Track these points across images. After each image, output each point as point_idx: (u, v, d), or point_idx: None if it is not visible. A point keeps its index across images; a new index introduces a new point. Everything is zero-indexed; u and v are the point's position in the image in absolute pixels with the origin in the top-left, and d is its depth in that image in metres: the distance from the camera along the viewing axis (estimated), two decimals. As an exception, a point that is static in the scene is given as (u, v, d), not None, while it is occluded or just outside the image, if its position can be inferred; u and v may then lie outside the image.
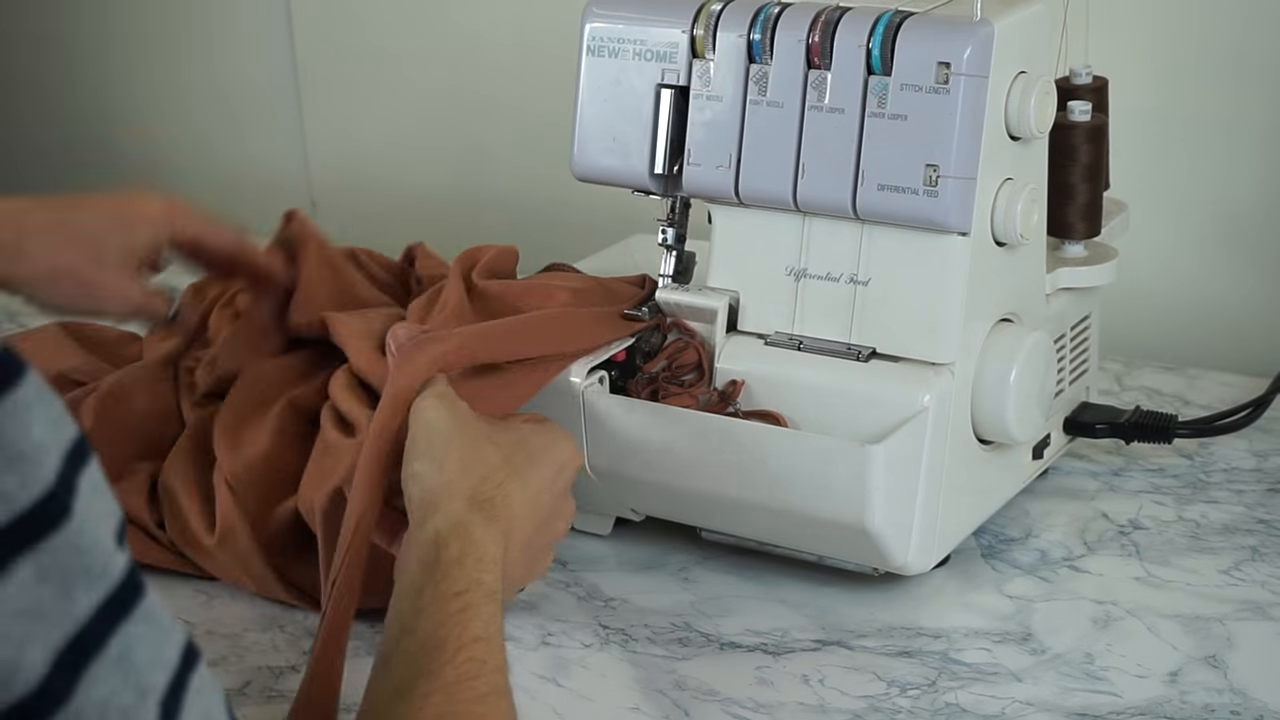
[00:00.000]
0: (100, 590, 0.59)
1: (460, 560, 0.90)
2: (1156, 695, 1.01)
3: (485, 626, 0.88)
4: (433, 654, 0.85)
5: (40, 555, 0.58)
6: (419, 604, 0.88)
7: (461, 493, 0.94)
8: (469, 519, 0.92)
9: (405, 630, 0.88)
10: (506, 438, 0.99)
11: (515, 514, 0.95)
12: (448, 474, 0.95)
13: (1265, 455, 1.27)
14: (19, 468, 0.58)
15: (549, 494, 0.98)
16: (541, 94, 1.66)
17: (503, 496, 0.95)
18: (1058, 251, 1.21)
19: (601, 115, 1.16)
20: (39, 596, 0.57)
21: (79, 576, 0.59)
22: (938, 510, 1.08)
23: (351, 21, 1.82)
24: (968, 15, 1.06)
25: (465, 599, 0.88)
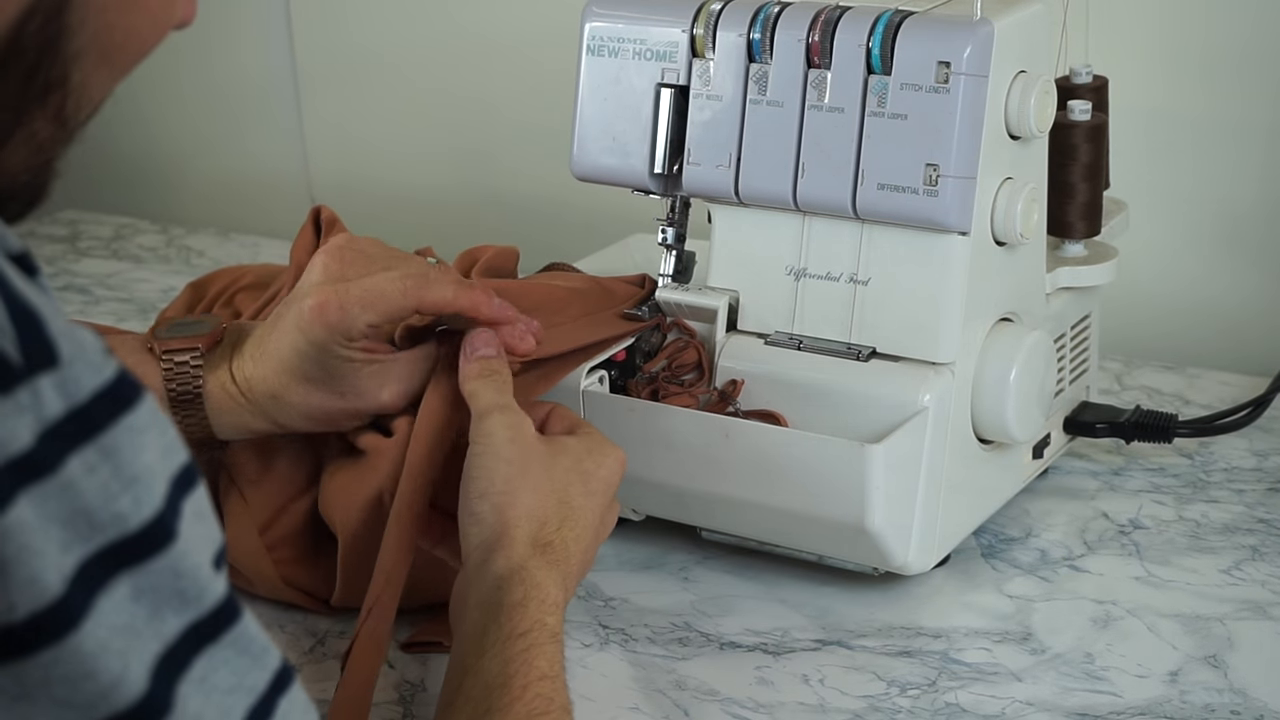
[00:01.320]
0: (190, 614, 0.61)
1: (524, 603, 0.91)
2: (1156, 695, 1.01)
3: (550, 665, 0.88)
4: (500, 692, 0.86)
5: (139, 576, 0.59)
6: (482, 645, 0.89)
7: (523, 538, 0.94)
8: (532, 563, 0.93)
9: (468, 671, 0.88)
10: (562, 464, 0.98)
11: (571, 555, 0.95)
12: (508, 518, 0.94)
13: (1265, 455, 1.27)
14: (133, 489, 0.59)
15: (598, 515, 0.98)
16: (541, 93, 1.66)
17: (561, 540, 0.95)
18: (1058, 251, 1.21)
19: (601, 115, 1.16)
20: (133, 614, 0.59)
21: (171, 599, 0.60)
22: (938, 510, 1.08)
23: (351, 21, 1.82)
24: (967, 15, 1.06)
25: (530, 639, 0.89)
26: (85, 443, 0.59)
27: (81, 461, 0.58)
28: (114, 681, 0.58)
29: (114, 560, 0.59)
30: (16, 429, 0.57)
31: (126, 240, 1.83)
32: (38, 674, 0.58)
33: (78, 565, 0.58)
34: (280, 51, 1.85)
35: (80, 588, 0.58)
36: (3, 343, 0.58)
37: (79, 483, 0.58)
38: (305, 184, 1.89)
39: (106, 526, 0.59)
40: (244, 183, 1.92)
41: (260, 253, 1.76)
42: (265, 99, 1.89)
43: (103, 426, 0.59)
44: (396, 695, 1.03)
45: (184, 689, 0.60)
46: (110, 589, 0.59)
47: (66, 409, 0.58)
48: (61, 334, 0.59)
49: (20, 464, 0.57)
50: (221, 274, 1.31)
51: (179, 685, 0.60)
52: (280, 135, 1.88)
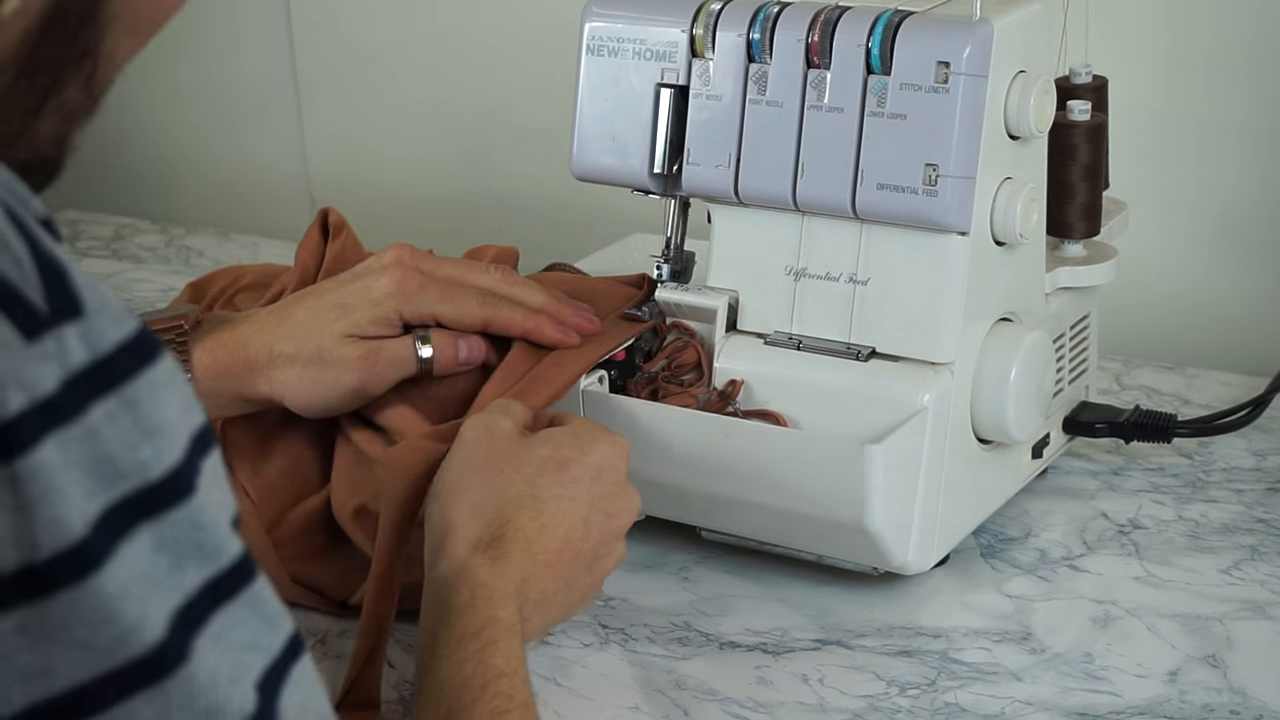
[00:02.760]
0: (208, 569, 0.62)
1: (471, 603, 0.90)
2: (1156, 695, 1.01)
3: (507, 661, 0.88)
4: (459, 693, 0.86)
5: (160, 526, 0.61)
6: (434, 647, 0.89)
7: (465, 538, 0.94)
8: (473, 563, 0.92)
9: (427, 672, 0.89)
10: (536, 454, 0.98)
11: (532, 544, 0.95)
12: (451, 519, 0.95)
13: (1265, 454, 1.27)
14: (155, 441, 0.61)
15: (581, 503, 0.97)
16: (541, 94, 1.66)
17: (513, 531, 0.94)
18: (1057, 251, 1.21)
19: (601, 115, 1.16)
20: (154, 563, 0.60)
21: (191, 552, 0.61)
22: (937, 509, 1.08)
23: (351, 22, 1.82)
24: (967, 14, 1.06)
25: (483, 638, 0.89)
26: (108, 393, 0.60)
27: (104, 410, 0.60)
28: (133, 626, 0.59)
29: (136, 509, 0.60)
30: (43, 374, 0.59)
31: (126, 240, 1.83)
32: (59, 614, 0.59)
33: (101, 511, 0.59)
34: (280, 52, 1.85)
35: (103, 533, 0.59)
36: (30, 292, 0.59)
37: (102, 430, 0.59)
38: (305, 184, 1.89)
39: (129, 475, 0.60)
40: (244, 183, 1.92)
41: (260, 253, 1.76)
42: (265, 99, 1.89)
43: (124, 378, 0.60)
44: (396, 695, 1.03)
45: (201, 642, 0.61)
46: (132, 537, 0.60)
47: (90, 359, 0.60)
48: (86, 287, 0.61)
49: (46, 407, 0.58)
50: (221, 274, 1.31)
51: (196, 638, 0.61)
52: (280, 135, 1.88)
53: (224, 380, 1.09)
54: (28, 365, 0.58)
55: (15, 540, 0.58)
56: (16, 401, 0.58)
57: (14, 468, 0.58)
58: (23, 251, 0.60)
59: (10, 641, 0.58)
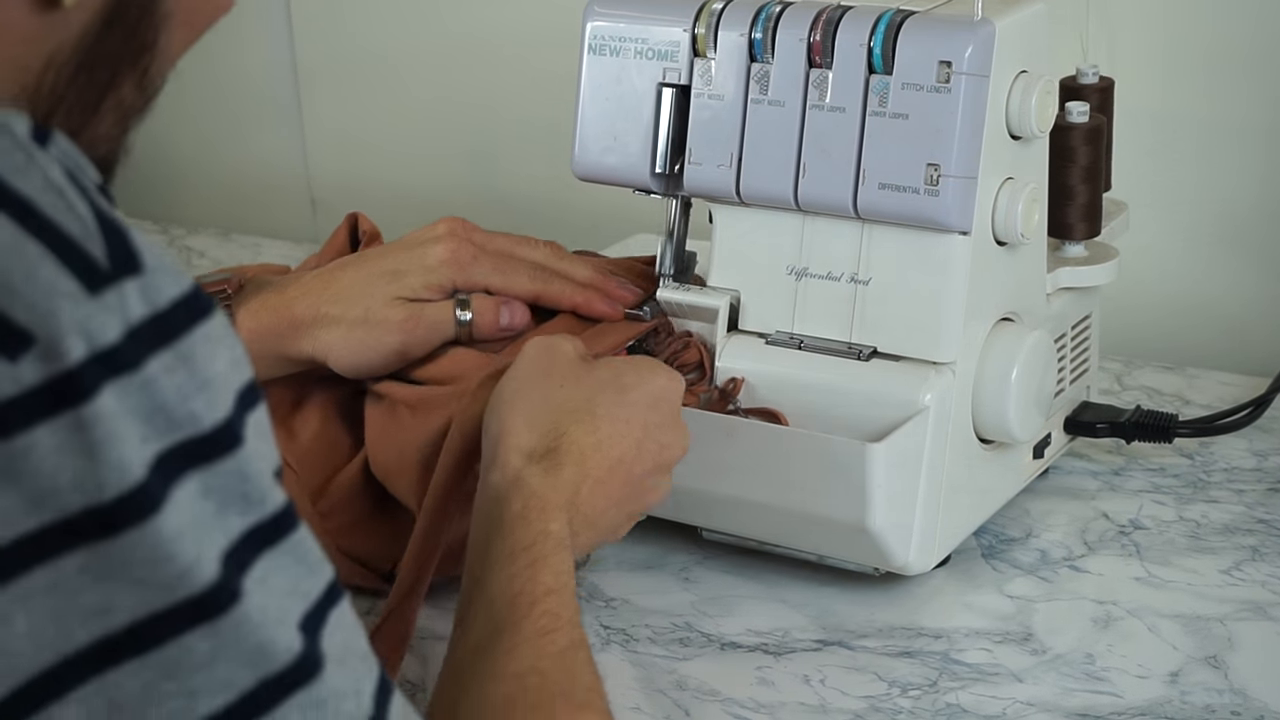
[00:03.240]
0: (252, 517, 0.64)
1: (523, 514, 0.91)
2: (1157, 695, 1.01)
3: (556, 578, 0.89)
4: (508, 610, 0.87)
5: (208, 475, 0.63)
6: (487, 559, 0.90)
7: (520, 447, 0.95)
8: (526, 472, 0.93)
9: (476, 585, 0.89)
10: (596, 376, 1.00)
11: (586, 459, 0.95)
12: (507, 426, 0.96)
13: (1265, 455, 1.27)
14: (206, 393, 0.63)
15: (636, 427, 0.98)
16: (542, 93, 1.66)
17: (568, 443, 0.95)
18: (1058, 251, 1.21)
19: (602, 114, 1.16)
20: (203, 509, 0.63)
21: (236, 500, 0.64)
22: (938, 510, 1.08)
23: (352, 21, 1.82)
24: (969, 14, 1.06)
25: (533, 553, 0.89)
26: (165, 346, 0.63)
27: (161, 363, 0.62)
28: (190, 565, 0.62)
29: (186, 457, 0.63)
30: (105, 325, 0.61)
31: (126, 240, 1.82)
32: (121, 554, 0.61)
33: (155, 457, 0.62)
34: (281, 51, 1.85)
35: (158, 478, 0.62)
36: (92, 248, 0.62)
37: (159, 381, 0.62)
38: (305, 184, 1.88)
39: (182, 424, 0.63)
40: (244, 183, 1.92)
41: (261, 253, 1.76)
42: (265, 99, 1.89)
43: (180, 332, 0.63)
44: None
45: (249, 584, 0.64)
46: (183, 484, 0.62)
47: (149, 313, 0.63)
48: (144, 246, 0.64)
49: (108, 357, 0.61)
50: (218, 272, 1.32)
51: (245, 580, 0.64)
52: (280, 135, 1.88)
53: (268, 341, 1.11)
54: (91, 316, 0.61)
55: (80, 483, 0.61)
56: (79, 351, 0.61)
57: (79, 413, 0.61)
58: (85, 211, 0.63)
59: (75, 581, 0.61)
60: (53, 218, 0.62)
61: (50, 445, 0.60)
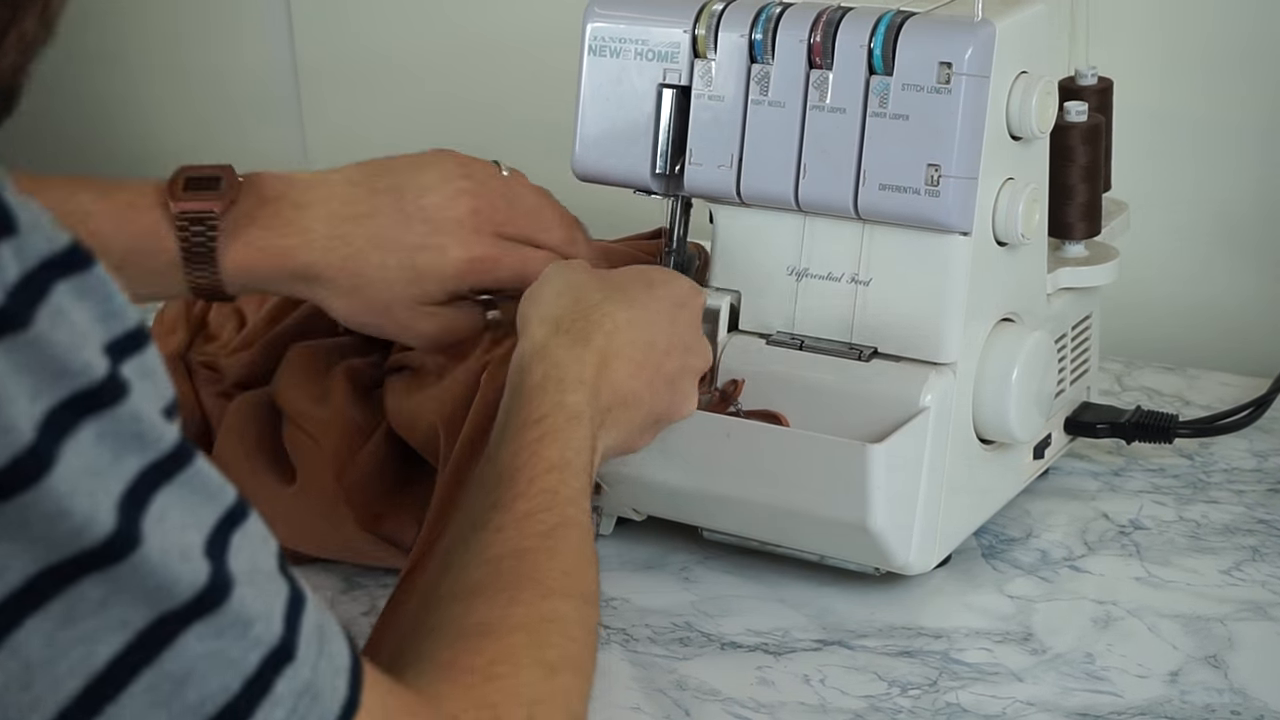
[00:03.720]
0: (147, 456, 0.64)
1: (542, 384, 0.90)
2: (1157, 695, 1.01)
3: (561, 452, 0.87)
4: (507, 485, 0.86)
5: (101, 422, 0.63)
6: (503, 433, 0.89)
7: (549, 318, 0.94)
8: (553, 341, 0.93)
9: (489, 458, 0.88)
10: (624, 272, 1.00)
11: (619, 332, 0.95)
12: (540, 305, 0.96)
13: (1266, 455, 1.27)
14: (83, 351, 0.63)
15: (664, 319, 0.98)
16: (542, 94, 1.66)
17: (600, 314, 0.95)
18: (1058, 251, 1.21)
19: (603, 115, 1.16)
20: (98, 457, 0.62)
21: (130, 442, 0.63)
22: (939, 510, 1.08)
23: (352, 20, 1.82)
24: (969, 15, 1.06)
25: (544, 425, 0.88)
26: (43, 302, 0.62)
27: (47, 317, 0.62)
28: (87, 519, 0.61)
29: (79, 408, 0.62)
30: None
31: (127, 239, 1.82)
32: (16, 516, 0.61)
33: (45, 413, 0.61)
34: (281, 50, 1.85)
35: (49, 434, 0.61)
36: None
37: (48, 335, 0.61)
38: (305, 183, 1.88)
39: (75, 376, 0.62)
40: (245, 182, 1.92)
41: (261, 252, 1.76)
42: (266, 98, 1.89)
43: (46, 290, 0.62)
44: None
45: (146, 525, 0.63)
46: (77, 434, 0.62)
47: (20, 273, 0.61)
48: (18, 205, 0.63)
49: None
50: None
51: (142, 522, 0.63)
52: (280, 134, 1.88)
53: (259, 280, 1.09)
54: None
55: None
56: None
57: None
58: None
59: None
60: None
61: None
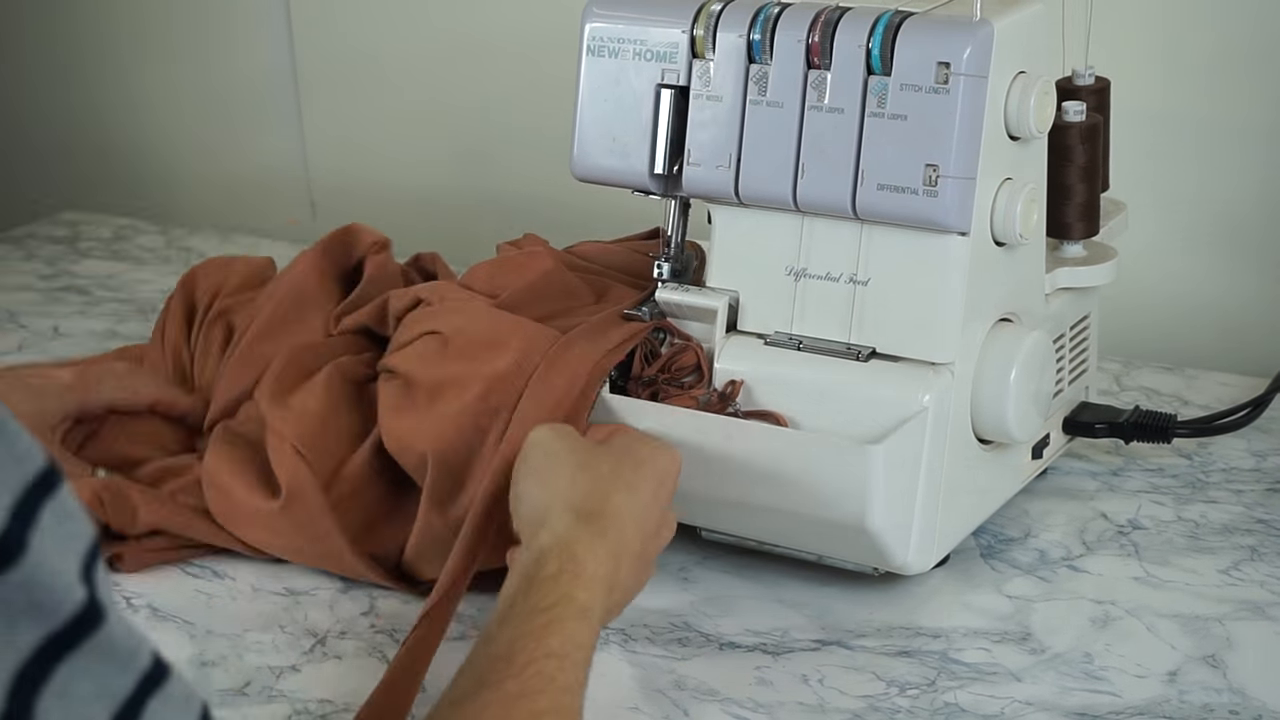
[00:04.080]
0: (46, 626, 0.60)
1: (556, 576, 0.91)
2: (1155, 695, 1.01)
3: (563, 644, 0.87)
4: (501, 665, 0.85)
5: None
6: (507, 616, 0.89)
7: (569, 505, 0.95)
8: (575, 534, 0.93)
9: (487, 640, 0.88)
10: (611, 449, 1.01)
11: (625, 527, 0.96)
12: (554, 489, 0.96)
13: (1264, 455, 1.27)
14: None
15: (657, 504, 1.00)
16: (541, 94, 1.66)
17: (612, 509, 0.96)
18: (1057, 251, 1.21)
19: (601, 115, 1.16)
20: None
21: (26, 611, 0.59)
22: (937, 510, 1.08)
23: (351, 22, 1.82)
24: (967, 15, 1.06)
25: (551, 614, 0.88)
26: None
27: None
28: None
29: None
30: None
31: (127, 241, 1.83)
32: None
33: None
34: (280, 52, 1.85)
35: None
36: None
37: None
38: (305, 184, 1.89)
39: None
40: (244, 183, 1.92)
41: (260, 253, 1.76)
42: (265, 100, 1.89)
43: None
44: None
45: (44, 702, 0.59)
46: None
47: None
48: None
49: None
50: (208, 270, 1.34)
51: (39, 699, 0.59)
52: (280, 136, 1.89)
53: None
54: None
55: None
56: None
57: None
58: None
59: None
60: None
61: None
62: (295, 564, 1.16)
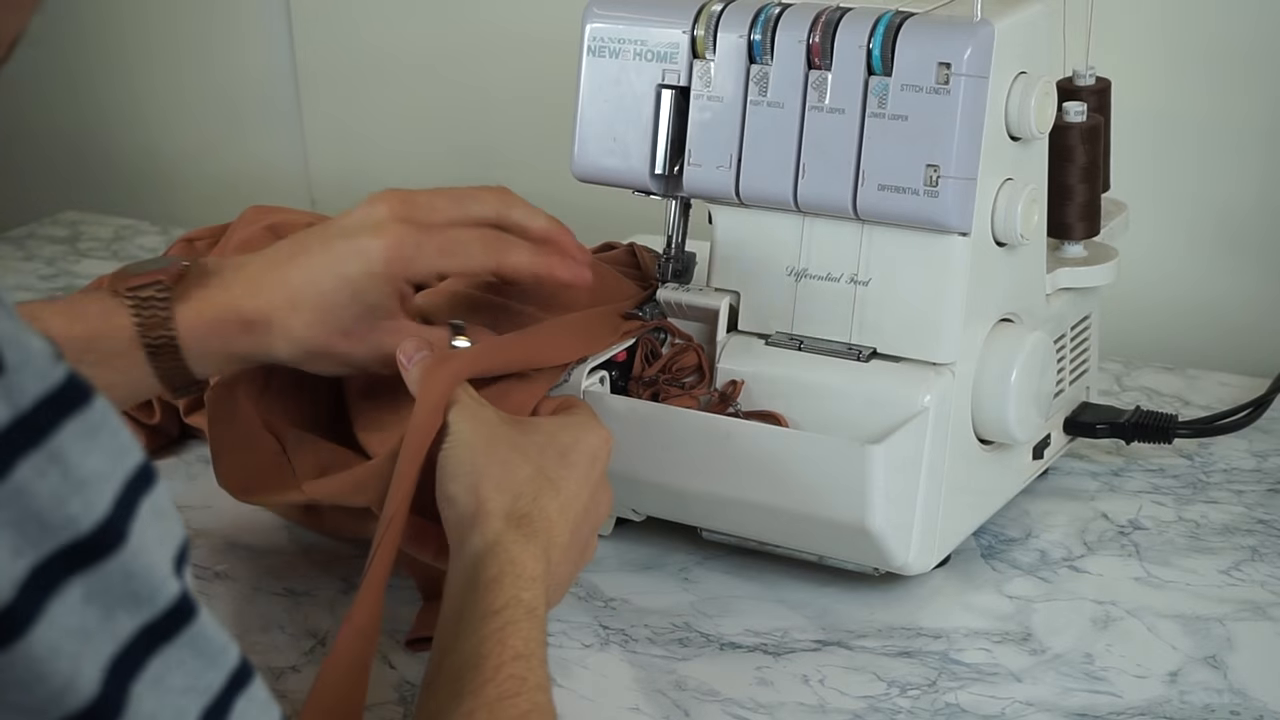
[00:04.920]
0: (143, 615, 0.61)
1: (498, 579, 0.91)
2: (1156, 695, 1.01)
3: (525, 644, 0.88)
4: (473, 673, 0.86)
5: (91, 579, 0.59)
6: (459, 626, 0.89)
7: (497, 511, 0.95)
8: (507, 538, 0.93)
9: (446, 651, 0.89)
10: (535, 441, 0.99)
11: (553, 526, 0.96)
12: (481, 495, 0.95)
13: (1265, 455, 1.27)
14: (84, 493, 0.59)
15: (585, 489, 0.99)
16: (541, 94, 1.66)
17: (539, 510, 0.95)
18: (1058, 252, 1.21)
19: (602, 115, 1.16)
20: (85, 616, 0.59)
21: (124, 600, 0.60)
22: (938, 510, 1.08)
23: (352, 21, 1.82)
24: (968, 16, 1.06)
25: (504, 616, 0.89)
26: (33, 448, 0.58)
27: (31, 466, 0.58)
28: (66, 684, 0.58)
29: (65, 564, 0.59)
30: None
31: (127, 241, 1.83)
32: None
33: (29, 570, 0.58)
34: (280, 51, 1.85)
35: (31, 592, 0.58)
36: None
37: (30, 487, 0.58)
38: (305, 184, 1.89)
39: (58, 530, 0.59)
40: (244, 183, 1.92)
41: (260, 253, 1.76)
42: (265, 99, 1.89)
43: (50, 431, 0.59)
44: (396, 695, 1.03)
45: (138, 689, 0.60)
46: (62, 592, 0.59)
47: (12, 416, 0.58)
48: (6, 342, 0.59)
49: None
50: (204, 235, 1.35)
51: (133, 686, 0.60)
52: (280, 135, 1.89)
53: (213, 340, 1.04)
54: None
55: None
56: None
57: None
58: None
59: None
60: None
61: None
62: (295, 564, 1.17)
